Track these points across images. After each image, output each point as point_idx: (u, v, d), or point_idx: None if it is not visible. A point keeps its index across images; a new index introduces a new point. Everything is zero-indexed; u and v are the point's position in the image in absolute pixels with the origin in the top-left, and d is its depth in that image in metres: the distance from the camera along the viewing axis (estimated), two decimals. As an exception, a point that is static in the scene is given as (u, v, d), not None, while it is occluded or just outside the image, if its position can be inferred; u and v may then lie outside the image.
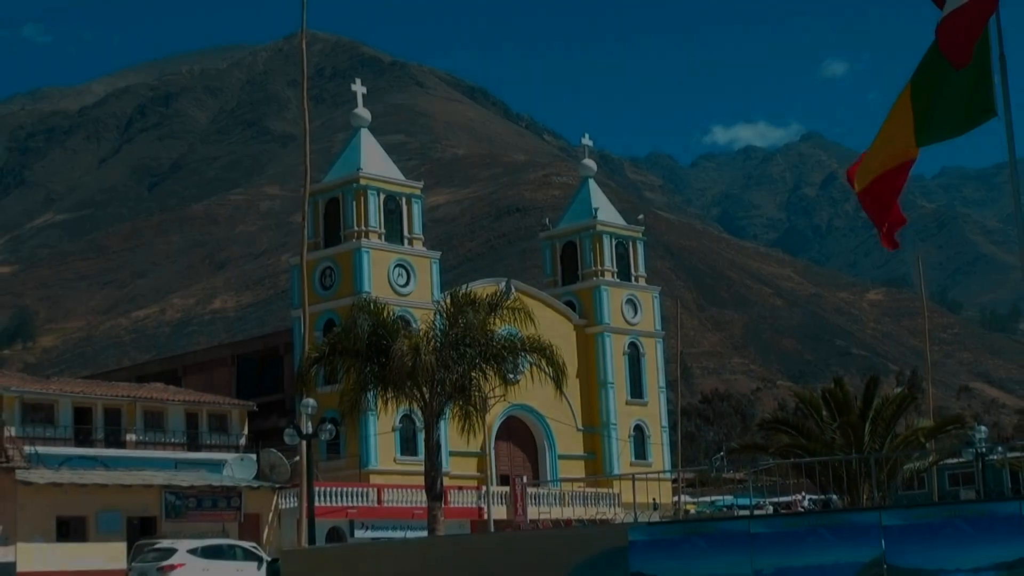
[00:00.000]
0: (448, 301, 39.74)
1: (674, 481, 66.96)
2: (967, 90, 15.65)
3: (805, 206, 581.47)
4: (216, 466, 55.47)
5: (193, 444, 57.17)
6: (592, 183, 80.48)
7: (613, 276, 75.85)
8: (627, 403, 74.00)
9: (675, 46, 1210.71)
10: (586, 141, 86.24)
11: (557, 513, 59.27)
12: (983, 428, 56.71)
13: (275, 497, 53.75)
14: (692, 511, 59.32)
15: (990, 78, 15.74)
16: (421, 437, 45.33)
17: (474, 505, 57.89)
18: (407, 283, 64.68)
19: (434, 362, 36.38)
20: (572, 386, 67.47)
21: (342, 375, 39.10)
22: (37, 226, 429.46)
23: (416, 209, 68.02)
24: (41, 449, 51.24)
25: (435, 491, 37.71)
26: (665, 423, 76.92)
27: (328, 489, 52.85)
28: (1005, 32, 15.53)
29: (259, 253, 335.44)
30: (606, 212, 78.42)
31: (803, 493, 52.14)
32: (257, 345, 73.91)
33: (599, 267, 75.50)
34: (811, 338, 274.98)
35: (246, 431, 59.51)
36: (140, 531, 49.51)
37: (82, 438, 53.86)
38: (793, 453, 35.90)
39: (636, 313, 76.18)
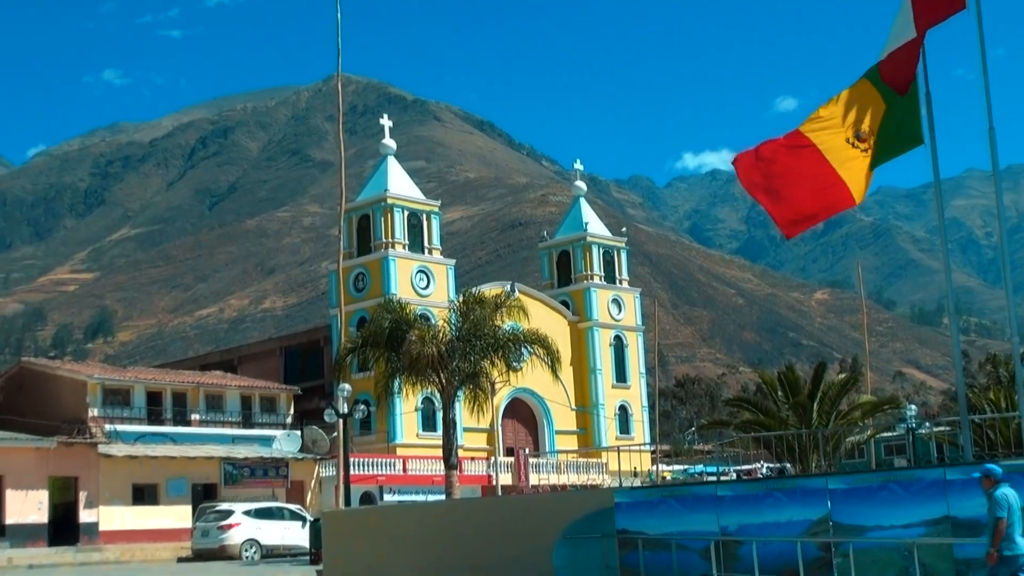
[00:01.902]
0: (461, 301, 39.83)
1: (653, 452, 66.83)
2: (900, 122, 15.74)
3: (762, 220, 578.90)
4: (267, 441, 55.53)
5: (247, 422, 57.18)
6: (583, 201, 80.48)
7: (601, 279, 75.84)
8: (613, 386, 74.03)
9: (651, 86, 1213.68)
10: (577, 166, 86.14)
11: (554, 479, 59.20)
12: (913, 407, 56.52)
13: (316, 467, 53.82)
14: (668, 477, 59.22)
15: (918, 112, 15.83)
16: (439, 416, 45.41)
17: (484, 473, 57.84)
18: (427, 286, 64.70)
19: (437, 350, 36.45)
20: (566, 372, 67.45)
21: (372, 364, 39.18)
22: (115, 239, 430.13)
23: (435, 224, 68.04)
24: (119, 427, 51.32)
25: (451, 461, 37.78)
26: (645, 403, 76.89)
27: (361, 460, 52.86)
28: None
29: (302, 261, 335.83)
30: (594, 226, 78.42)
31: (761, 462, 51.95)
32: (301, 339, 73.88)
33: (589, 272, 75.50)
34: (768, 331, 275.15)
35: (292, 411, 59.50)
36: (203, 495, 49.60)
37: (154, 417, 53.87)
38: (753, 428, 35.91)
39: (620, 310, 76.20)
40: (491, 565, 19.35)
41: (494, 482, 54.82)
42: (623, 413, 74.28)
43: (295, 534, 40.30)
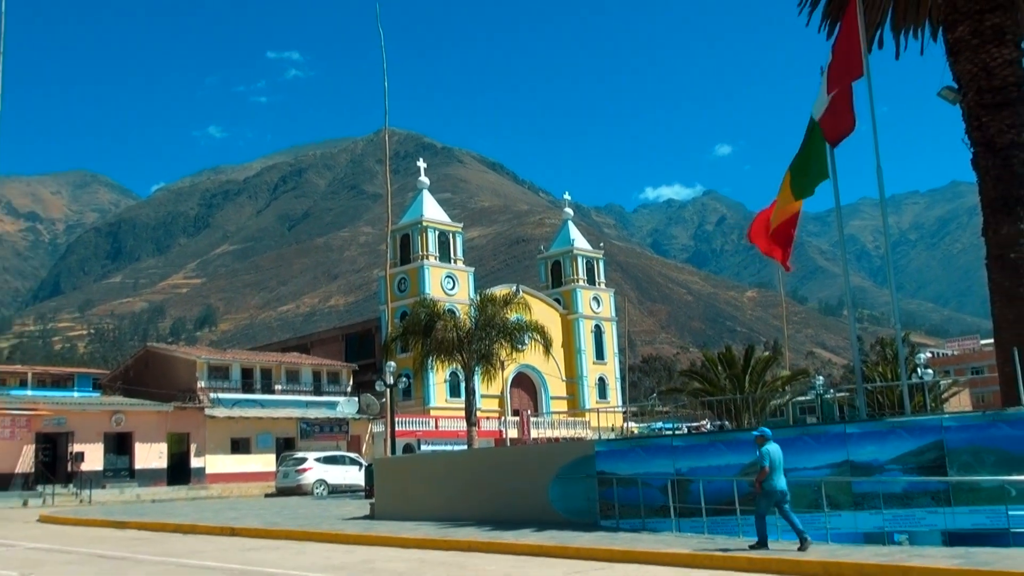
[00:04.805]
0: (479, 299, 39.79)
1: (624, 412, 66.75)
2: (814, 162, 15.94)
3: (706, 237, 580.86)
4: (332, 405, 55.56)
5: (317, 391, 57.23)
6: (570, 223, 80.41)
7: (584, 282, 75.77)
8: (594, 363, 73.96)
9: (621, 136, 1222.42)
10: (566, 196, 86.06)
11: (550, 433, 59.16)
12: (820, 378, 56.45)
13: (370, 425, 53.85)
14: (635, 432, 59.11)
15: (825, 155, 15.90)
16: (462, 386, 45.35)
17: (497, 429, 57.82)
18: (453, 288, 64.68)
19: (458, 337, 36.49)
20: (558, 352, 67.48)
21: (411, 347, 39.14)
22: (217, 253, 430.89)
23: (459, 240, 68.04)
24: (221, 395, 51.41)
25: (471, 420, 37.72)
26: (618, 375, 76.82)
27: (403, 419, 52.87)
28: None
29: (359, 269, 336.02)
30: (579, 242, 78.35)
31: (706, 419, 51.87)
32: (358, 328, 73.89)
33: (575, 276, 75.43)
34: (710, 321, 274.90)
35: (351, 383, 59.54)
36: (284, 446, 49.67)
37: (247, 388, 53.95)
38: (700, 394, 35.84)
39: (599, 306, 76.12)
40: (501, 498, 19.31)
41: (504, 435, 54.73)
42: (601, 383, 74.22)
43: (354, 475, 40.27)
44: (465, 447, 38.65)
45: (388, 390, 35.99)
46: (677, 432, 27.53)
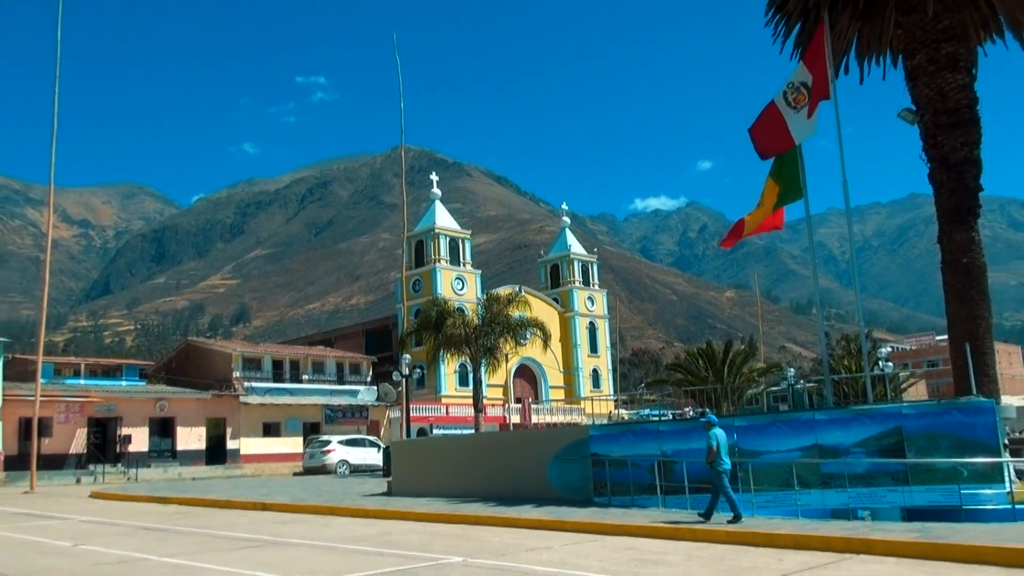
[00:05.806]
0: (485, 298, 39.80)
1: (615, 401, 66.63)
2: (791, 180, 16.00)
3: (689, 243, 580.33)
4: (354, 393, 55.56)
5: (340, 380, 57.21)
6: (567, 231, 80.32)
7: (580, 283, 75.71)
8: (588, 356, 73.89)
9: (613, 152, 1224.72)
10: (563, 206, 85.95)
11: (549, 419, 59.13)
12: (792, 370, 56.31)
13: (387, 411, 53.87)
14: (625, 418, 58.94)
15: (797, 176, 15.94)
16: (470, 376, 45.34)
17: (501, 415, 57.79)
18: (462, 288, 64.66)
19: (465, 333, 36.51)
20: (556, 346, 67.42)
21: (425, 341, 39.15)
22: (251, 257, 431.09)
23: (467, 246, 68.01)
24: (254, 384, 51.46)
25: (478, 407, 37.72)
26: (610, 367, 76.73)
27: (417, 406, 52.86)
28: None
29: (378, 271, 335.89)
30: (575, 247, 78.26)
31: (689, 407, 51.74)
32: (377, 324, 73.92)
33: (572, 278, 75.37)
34: (693, 318, 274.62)
35: (371, 373, 59.54)
36: (310, 430, 49.70)
37: (277, 377, 53.98)
38: (683, 384, 35.83)
39: (593, 304, 76.05)
40: (505, 477, 19.31)
41: (508, 421, 54.70)
42: (595, 374, 74.14)
43: (373, 456, 40.30)
44: (473, 431, 38.66)
45: (404, 380, 35.99)
46: (663, 418, 27.48)
